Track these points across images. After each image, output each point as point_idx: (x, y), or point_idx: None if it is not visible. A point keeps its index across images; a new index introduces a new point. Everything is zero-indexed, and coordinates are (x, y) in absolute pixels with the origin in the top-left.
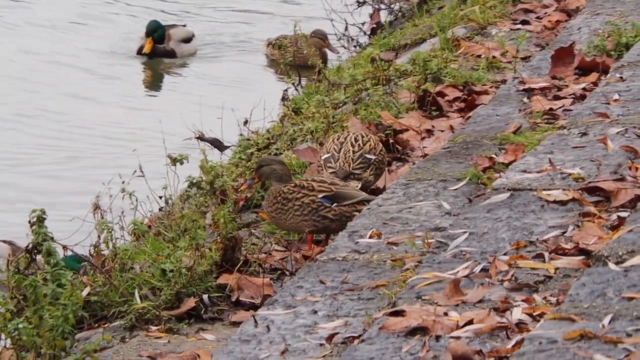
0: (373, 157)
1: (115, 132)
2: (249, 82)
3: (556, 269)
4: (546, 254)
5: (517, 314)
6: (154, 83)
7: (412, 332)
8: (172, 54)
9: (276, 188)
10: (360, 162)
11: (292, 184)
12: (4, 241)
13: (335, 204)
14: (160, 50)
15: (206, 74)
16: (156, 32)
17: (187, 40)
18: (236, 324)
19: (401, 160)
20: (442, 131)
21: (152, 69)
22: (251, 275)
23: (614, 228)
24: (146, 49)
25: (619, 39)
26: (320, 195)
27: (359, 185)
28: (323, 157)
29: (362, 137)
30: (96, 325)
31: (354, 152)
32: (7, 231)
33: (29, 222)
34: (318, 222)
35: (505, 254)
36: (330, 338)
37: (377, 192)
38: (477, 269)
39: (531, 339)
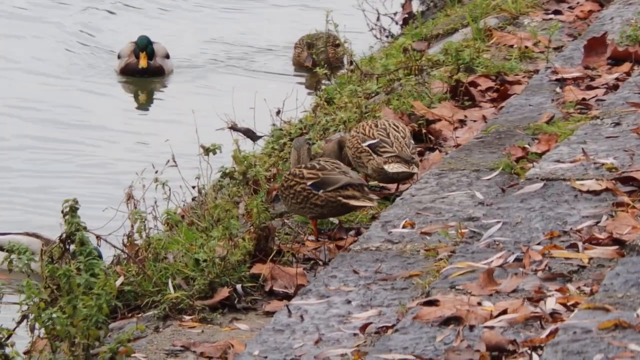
0: (413, 142)
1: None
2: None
3: (590, 258)
4: (580, 244)
5: (551, 303)
6: (149, 100)
7: (446, 321)
8: (161, 71)
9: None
10: (413, 147)
11: (288, 172)
12: (31, 234)
13: (322, 191)
14: (151, 68)
15: (210, 86)
16: (148, 47)
17: (167, 56)
18: (270, 313)
19: (434, 150)
20: (474, 121)
21: (145, 87)
22: (284, 265)
23: None
24: (143, 64)
25: None
26: (309, 183)
27: (417, 169)
28: (366, 143)
29: (398, 124)
30: (130, 314)
31: (402, 137)
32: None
33: (62, 211)
34: (312, 210)
35: (538, 244)
36: (363, 328)
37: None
38: (511, 258)
39: (565, 329)
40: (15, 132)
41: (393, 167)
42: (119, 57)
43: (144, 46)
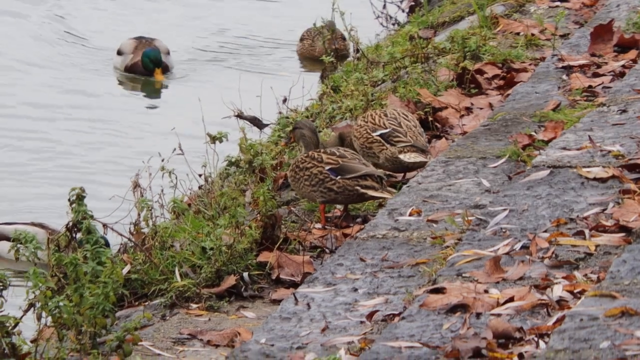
0: (423, 131)
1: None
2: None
3: (597, 246)
4: (586, 231)
5: (557, 291)
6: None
7: (453, 309)
8: (166, 70)
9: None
10: (425, 137)
11: (305, 154)
12: (37, 224)
13: (339, 177)
14: (146, 67)
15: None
16: (161, 61)
17: (168, 52)
18: (276, 301)
19: (440, 138)
20: (481, 109)
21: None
22: (291, 253)
23: None
24: (160, 78)
25: None
26: (327, 167)
27: (431, 158)
28: (377, 133)
29: (407, 114)
30: (137, 303)
31: (414, 126)
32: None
33: (69, 200)
34: (325, 194)
35: (545, 231)
36: (370, 315)
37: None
38: (518, 246)
39: (572, 316)
40: (18, 125)
41: (410, 157)
42: (119, 53)
43: (159, 62)
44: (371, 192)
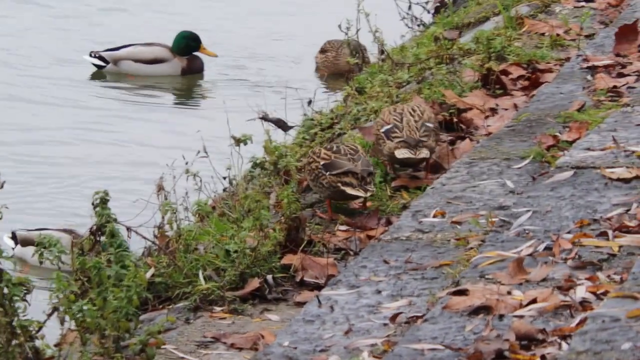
0: (432, 125)
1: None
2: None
3: (620, 247)
4: (610, 232)
5: (580, 292)
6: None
7: (476, 311)
8: (201, 68)
9: None
10: (424, 131)
11: (311, 150)
12: (67, 230)
13: (328, 172)
14: (199, 65)
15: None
16: (198, 36)
17: None
18: (300, 304)
19: (465, 139)
20: (506, 110)
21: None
22: (315, 255)
23: None
24: (211, 54)
25: None
26: (322, 163)
27: (428, 153)
28: (383, 129)
29: (418, 107)
30: (160, 306)
31: (415, 121)
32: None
33: (92, 203)
34: (320, 190)
35: (568, 232)
36: (394, 318)
37: (437, 168)
38: (541, 247)
39: (594, 318)
40: (47, 123)
41: (400, 153)
42: (156, 61)
43: (197, 37)
44: (348, 190)
